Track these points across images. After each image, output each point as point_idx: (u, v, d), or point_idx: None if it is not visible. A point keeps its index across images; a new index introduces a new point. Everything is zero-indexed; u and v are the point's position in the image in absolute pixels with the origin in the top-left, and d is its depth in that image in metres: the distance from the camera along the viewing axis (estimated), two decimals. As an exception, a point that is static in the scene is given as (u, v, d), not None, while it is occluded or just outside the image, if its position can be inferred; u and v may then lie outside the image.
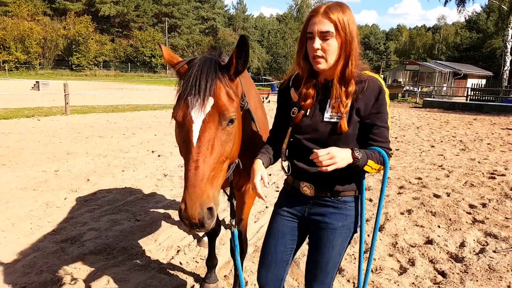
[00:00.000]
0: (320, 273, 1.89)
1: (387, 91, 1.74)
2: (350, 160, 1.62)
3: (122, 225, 4.28)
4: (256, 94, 2.65)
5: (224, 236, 4.05)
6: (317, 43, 1.66)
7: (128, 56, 60.51)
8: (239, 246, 2.68)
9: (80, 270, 3.31)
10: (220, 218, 4.29)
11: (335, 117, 1.73)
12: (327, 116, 1.75)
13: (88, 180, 5.94)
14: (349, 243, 1.97)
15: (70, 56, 54.93)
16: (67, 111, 13.89)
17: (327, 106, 1.76)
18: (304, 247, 3.70)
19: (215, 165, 1.57)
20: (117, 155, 7.69)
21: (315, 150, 1.59)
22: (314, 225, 1.92)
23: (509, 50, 28.34)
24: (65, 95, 14.03)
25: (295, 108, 1.83)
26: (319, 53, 1.68)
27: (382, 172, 1.80)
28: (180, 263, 3.53)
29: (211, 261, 3.08)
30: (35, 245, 3.76)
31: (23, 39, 49.31)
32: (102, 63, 57.54)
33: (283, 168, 1.99)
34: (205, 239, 3.89)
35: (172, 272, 3.36)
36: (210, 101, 1.57)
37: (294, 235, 2.00)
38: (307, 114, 1.80)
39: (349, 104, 1.71)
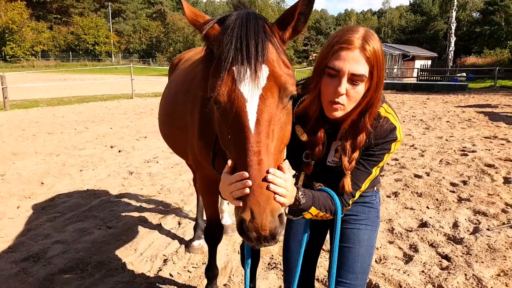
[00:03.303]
0: (347, 274, 1.58)
1: (399, 139, 1.49)
2: (293, 200, 1.31)
3: (92, 235, 3.72)
4: None
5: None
6: (344, 87, 1.30)
7: (69, 45, 56.70)
8: (255, 254, 2.31)
9: (50, 295, 2.77)
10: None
11: (339, 163, 1.48)
12: (329, 160, 1.54)
13: (42, 183, 5.23)
14: (375, 240, 1.74)
15: (3, 46, 50.41)
16: (6, 106, 12.62)
17: (331, 148, 1.53)
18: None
19: (277, 156, 1.19)
20: (72, 153, 6.93)
21: (271, 171, 1.13)
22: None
23: (453, 31, 30.11)
24: (2, 88, 12.65)
25: (306, 154, 1.54)
26: (342, 99, 1.32)
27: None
28: (171, 274, 3.09)
29: (212, 271, 2.69)
30: (-12, 268, 3.13)
31: None
32: (40, 53, 53.46)
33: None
34: (195, 243, 3.46)
35: (163, 286, 2.92)
36: (265, 71, 1.16)
37: (316, 233, 1.76)
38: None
39: (356, 159, 1.44)
